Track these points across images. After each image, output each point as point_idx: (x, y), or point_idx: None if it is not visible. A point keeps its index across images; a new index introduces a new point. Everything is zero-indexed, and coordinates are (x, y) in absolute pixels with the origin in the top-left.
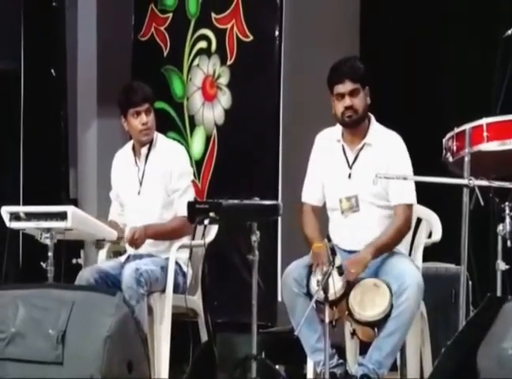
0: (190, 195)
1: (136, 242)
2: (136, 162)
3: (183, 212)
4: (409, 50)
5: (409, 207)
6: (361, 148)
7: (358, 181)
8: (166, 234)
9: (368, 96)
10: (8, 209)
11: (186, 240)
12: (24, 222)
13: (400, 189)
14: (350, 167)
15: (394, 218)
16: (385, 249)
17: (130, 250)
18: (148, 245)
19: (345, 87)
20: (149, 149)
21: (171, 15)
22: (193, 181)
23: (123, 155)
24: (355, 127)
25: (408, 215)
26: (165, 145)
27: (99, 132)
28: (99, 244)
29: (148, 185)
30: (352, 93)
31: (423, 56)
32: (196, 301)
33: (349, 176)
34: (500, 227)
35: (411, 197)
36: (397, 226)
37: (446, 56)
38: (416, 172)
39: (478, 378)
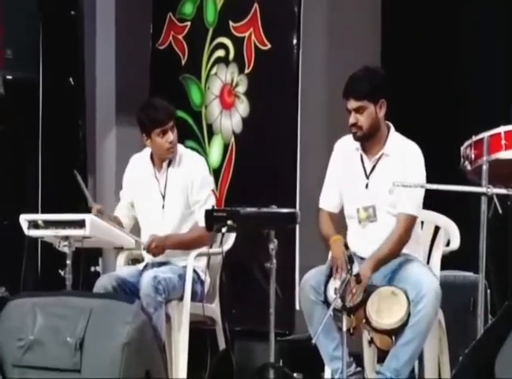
0: (210, 205)
1: (154, 251)
2: (155, 174)
3: (203, 222)
4: (427, 58)
5: (411, 218)
6: (379, 158)
7: (375, 191)
8: (185, 244)
9: (383, 109)
10: (26, 217)
11: (203, 248)
12: (42, 230)
13: (407, 200)
14: (367, 177)
15: (395, 227)
16: (386, 260)
17: (148, 258)
18: (166, 254)
19: (350, 104)
20: (170, 162)
21: (189, 24)
22: (212, 191)
23: (141, 163)
24: (365, 141)
25: (408, 225)
26: (185, 157)
27: (118, 140)
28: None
29: (171, 198)
30: (357, 110)
31: (440, 65)
32: (214, 309)
33: (366, 186)
34: None
35: (415, 209)
36: (397, 235)
37: (464, 64)
38: (434, 180)
39: None
